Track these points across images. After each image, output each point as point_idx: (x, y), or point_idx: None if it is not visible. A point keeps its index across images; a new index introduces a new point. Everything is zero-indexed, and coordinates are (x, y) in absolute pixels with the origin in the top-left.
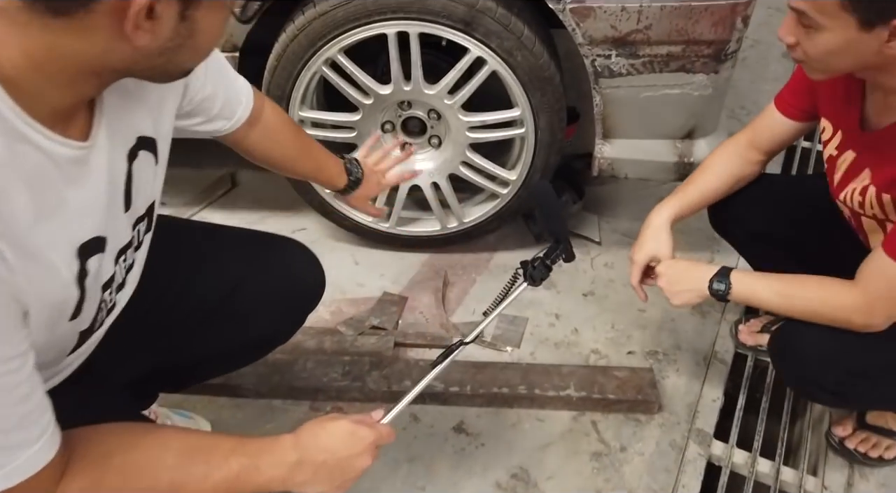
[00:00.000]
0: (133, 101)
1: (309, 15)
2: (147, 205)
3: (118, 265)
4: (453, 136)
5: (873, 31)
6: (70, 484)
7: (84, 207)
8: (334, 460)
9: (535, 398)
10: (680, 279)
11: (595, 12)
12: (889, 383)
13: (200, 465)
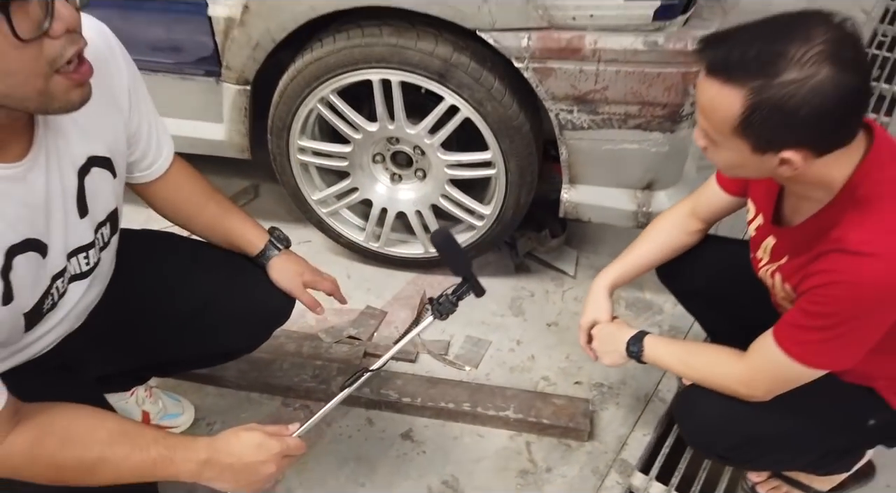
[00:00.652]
0: (72, 129)
1: (306, 59)
2: (107, 212)
3: (72, 261)
4: (434, 171)
5: (765, 155)
6: (16, 438)
7: (16, 216)
8: (241, 464)
9: (478, 416)
10: (606, 342)
11: (555, 72)
12: (774, 452)
13: (125, 446)
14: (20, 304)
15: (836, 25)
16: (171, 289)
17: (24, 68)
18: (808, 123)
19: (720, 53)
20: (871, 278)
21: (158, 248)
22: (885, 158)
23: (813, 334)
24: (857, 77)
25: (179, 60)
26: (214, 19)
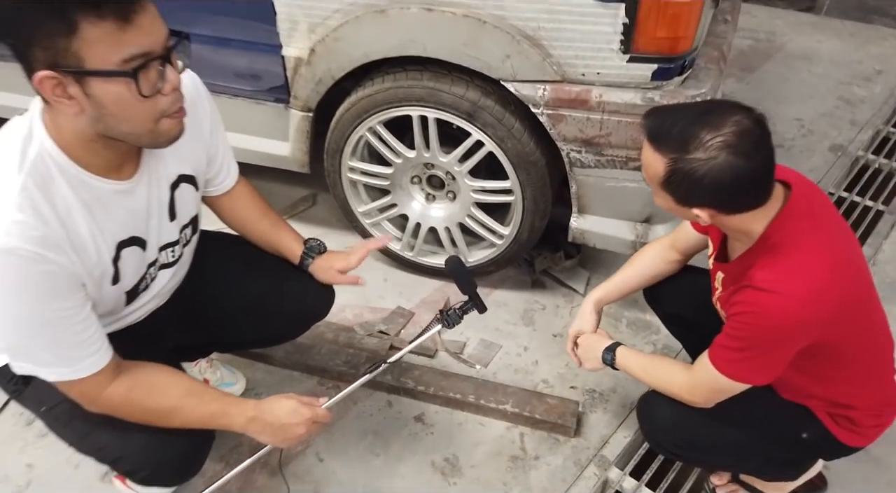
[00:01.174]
0: (168, 154)
1: (359, 95)
2: (190, 216)
3: (162, 253)
4: (462, 194)
5: (684, 207)
6: (116, 387)
7: (126, 219)
8: (278, 424)
9: (480, 407)
10: (587, 349)
11: (566, 118)
12: (716, 454)
13: (194, 399)
14: (124, 284)
15: (745, 119)
16: (235, 284)
17: (143, 116)
18: (709, 192)
19: (655, 125)
20: (771, 310)
21: (229, 249)
22: (798, 213)
23: (732, 353)
24: (750, 163)
25: (257, 89)
26: (287, 58)
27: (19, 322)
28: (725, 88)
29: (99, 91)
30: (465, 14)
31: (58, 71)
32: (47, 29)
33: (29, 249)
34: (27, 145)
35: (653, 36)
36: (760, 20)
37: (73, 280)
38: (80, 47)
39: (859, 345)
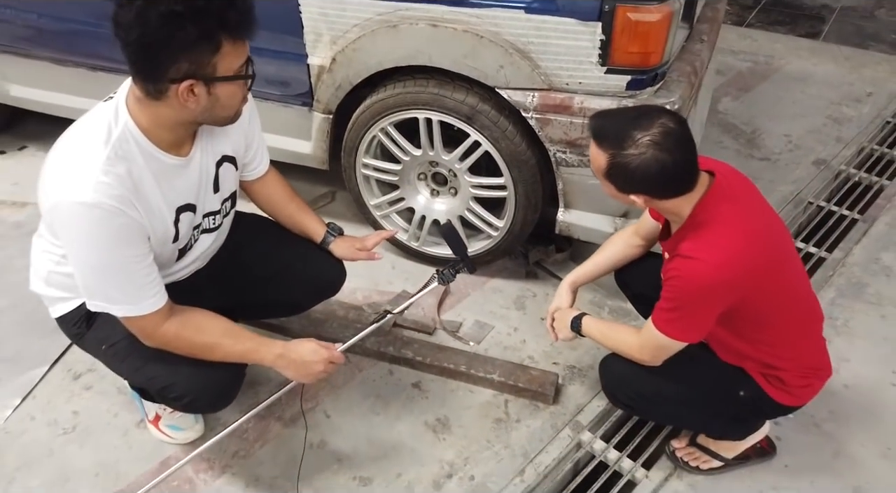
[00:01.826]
0: (216, 135)
1: (373, 99)
2: (230, 191)
3: (206, 219)
4: (463, 189)
5: (624, 195)
6: (169, 325)
7: (183, 188)
8: (301, 360)
9: (471, 376)
10: (560, 321)
11: (552, 122)
12: (663, 406)
13: (231, 338)
14: (179, 243)
15: (669, 121)
16: (264, 253)
17: (239, 102)
18: (641, 182)
19: (597, 126)
20: (692, 273)
21: (261, 226)
22: (720, 196)
23: (667, 314)
24: (673, 157)
25: (285, 93)
26: (311, 66)
27: (99, 265)
28: (721, 105)
29: (221, 90)
30: (465, 30)
31: (197, 78)
32: (198, 48)
33: (110, 204)
34: (113, 125)
35: (626, 51)
36: (761, 44)
37: (141, 232)
38: (218, 61)
39: (779, 310)
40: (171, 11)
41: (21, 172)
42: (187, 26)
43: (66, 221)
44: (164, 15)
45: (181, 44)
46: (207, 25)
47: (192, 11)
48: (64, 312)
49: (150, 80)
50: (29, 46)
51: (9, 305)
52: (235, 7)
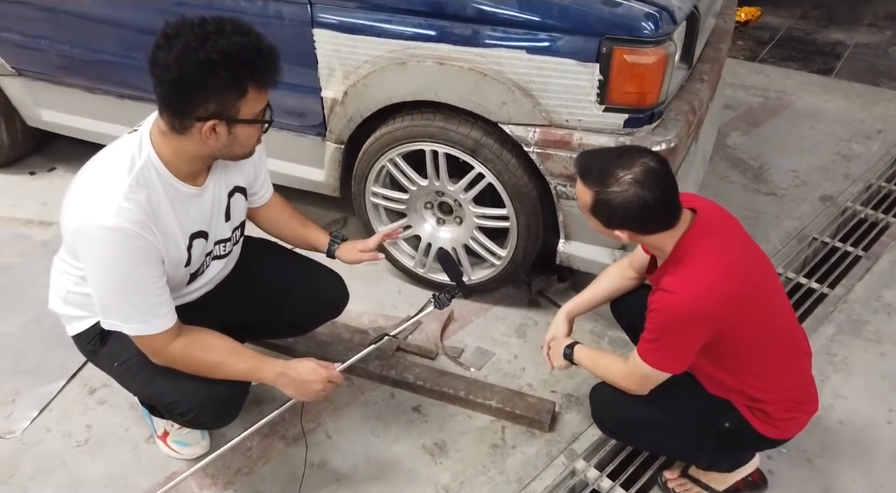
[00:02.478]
0: (230, 168)
1: (382, 130)
2: (240, 220)
3: (217, 246)
4: (467, 219)
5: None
6: (177, 344)
7: (197, 216)
8: (300, 379)
9: (469, 402)
10: (555, 349)
11: (553, 157)
12: (648, 433)
13: (235, 357)
14: (191, 267)
15: (650, 161)
16: (267, 276)
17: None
18: (623, 218)
19: (583, 164)
20: (670, 306)
21: (266, 249)
22: (701, 232)
23: (649, 344)
24: (654, 195)
25: (300, 123)
26: (325, 99)
27: (117, 284)
28: (730, 140)
29: (241, 131)
30: (471, 68)
31: (221, 119)
32: (227, 92)
33: (131, 228)
34: (137, 155)
35: (623, 90)
36: (773, 79)
37: (157, 255)
38: (242, 105)
39: (760, 342)
40: (208, 58)
41: (50, 193)
42: (221, 72)
43: (89, 243)
44: (201, 61)
45: (213, 88)
46: (238, 73)
47: (227, 60)
48: (80, 330)
49: (178, 117)
50: (62, 74)
51: (32, 319)
52: (264, 59)
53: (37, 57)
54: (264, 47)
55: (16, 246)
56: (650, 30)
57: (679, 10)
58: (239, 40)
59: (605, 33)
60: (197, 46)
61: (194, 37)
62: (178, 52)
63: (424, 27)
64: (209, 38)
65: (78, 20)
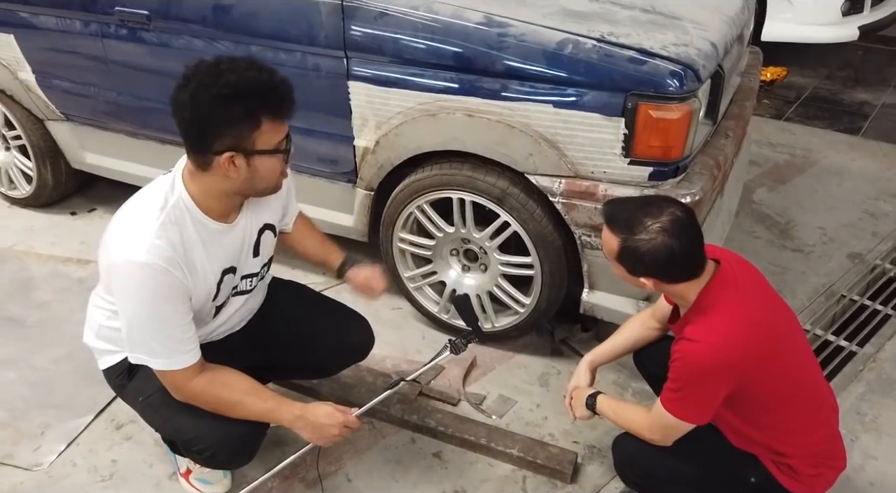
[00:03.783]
0: (260, 205)
1: (411, 178)
2: (268, 256)
3: (243, 281)
4: (492, 266)
5: (634, 277)
6: (199, 380)
7: (228, 252)
8: (317, 423)
9: (491, 449)
10: (577, 399)
11: (578, 207)
12: (671, 487)
13: (255, 397)
14: (217, 301)
15: (678, 210)
16: (295, 318)
17: (276, 176)
18: (650, 265)
19: (611, 211)
20: (693, 355)
21: (296, 292)
22: (724, 283)
23: (673, 394)
24: (681, 244)
25: (332, 170)
26: (357, 147)
27: (145, 318)
28: (756, 195)
29: (260, 163)
30: (498, 120)
31: (238, 151)
32: (241, 125)
33: (160, 264)
34: (169, 194)
35: (648, 144)
36: (799, 137)
37: (184, 292)
38: (258, 136)
39: (785, 395)
40: (219, 94)
41: (89, 232)
42: (233, 106)
43: (121, 278)
44: (213, 96)
45: (226, 121)
46: (250, 106)
47: (238, 94)
48: (110, 364)
49: (199, 152)
50: (107, 119)
51: (65, 354)
52: (276, 92)
53: (84, 103)
54: (276, 80)
55: (53, 283)
56: (675, 87)
57: (704, 69)
58: (251, 75)
59: (631, 89)
60: (210, 83)
61: (208, 75)
62: (192, 90)
63: (455, 81)
64: (222, 75)
65: (125, 69)
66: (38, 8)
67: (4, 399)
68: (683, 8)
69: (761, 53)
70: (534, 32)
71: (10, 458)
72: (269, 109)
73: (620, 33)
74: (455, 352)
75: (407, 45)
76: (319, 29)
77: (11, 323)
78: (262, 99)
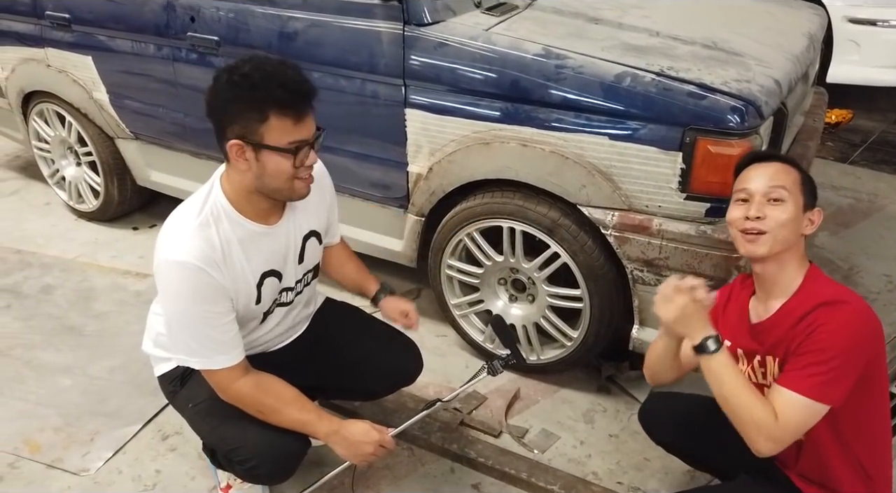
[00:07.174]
0: (304, 211)
1: (462, 206)
2: (314, 264)
3: (283, 294)
4: (540, 297)
5: (805, 214)
6: (245, 382)
7: (269, 256)
8: (353, 439)
9: (531, 485)
10: (690, 311)
11: (630, 241)
12: None
13: (296, 406)
14: (262, 306)
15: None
16: (347, 341)
17: (285, 177)
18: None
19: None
20: (850, 315)
21: (347, 314)
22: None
23: (818, 373)
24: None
25: (385, 195)
26: (410, 173)
27: (183, 317)
28: (818, 239)
29: (266, 159)
30: (552, 150)
31: (244, 141)
32: (248, 115)
33: (197, 264)
34: (207, 198)
35: (705, 180)
36: (864, 181)
37: (222, 292)
38: (265, 130)
39: (884, 404)
40: (232, 80)
41: (148, 247)
42: (242, 94)
43: (162, 277)
44: (227, 82)
45: (236, 109)
46: (258, 97)
47: (248, 84)
48: (164, 371)
49: (219, 140)
50: (172, 139)
51: (119, 365)
52: (286, 88)
53: (153, 123)
54: (288, 78)
55: (111, 295)
56: (736, 123)
57: (766, 105)
58: (268, 68)
59: (690, 124)
60: (230, 70)
61: (234, 65)
62: (215, 80)
63: (510, 111)
64: (243, 66)
65: (192, 92)
66: (115, 32)
67: (59, 404)
68: (746, 45)
69: (826, 94)
70: (592, 65)
71: (59, 462)
72: (276, 103)
73: (680, 68)
74: (492, 373)
75: (464, 74)
76: (380, 57)
77: (71, 332)
78: (270, 93)
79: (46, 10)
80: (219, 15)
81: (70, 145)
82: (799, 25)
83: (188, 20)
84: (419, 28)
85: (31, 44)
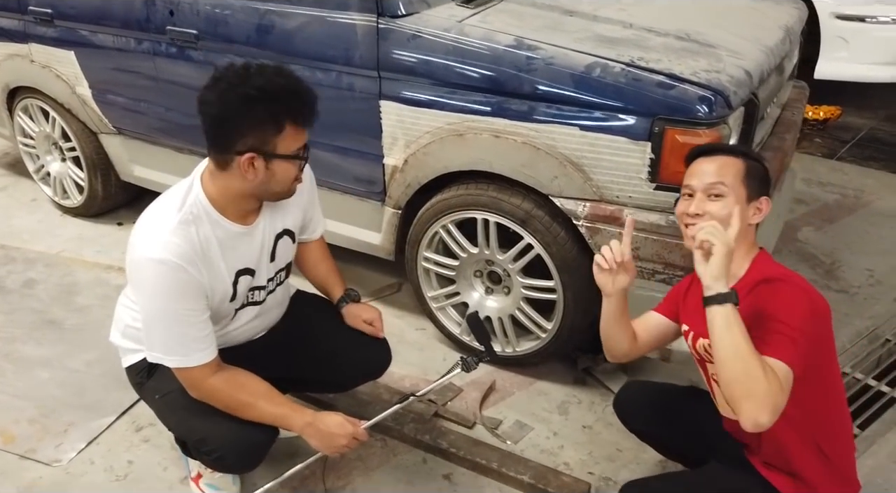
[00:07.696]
0: (279, 210)
1: (437, 198)
2: (286, 263)
3: (253, 292)
4: (515, 289)
5: (750, 204)
6: (215, 380)
7: (244, 254)
8: (326, 431)
9: (502, 475)
10: (726, 239)
11: (602, 232)
12: None
13: (268, 401)
14: (236, 303)
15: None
16: (318, 335)
17: (291, 180)
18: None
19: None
20: (794, 288)
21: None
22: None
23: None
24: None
25: (364, 189)
26: (386, 165)
27: (160, 314)
28: (801, 234)
29: (278, 167)
30: (525, 142)
31: (258, 153)
32: (264, 127)
33: (175, 261)
34: (187, 195)
35: (674, 170)
36: (851, 178)
37: (199, 290)
38: (280, 141)
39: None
40: (247, 94)
41: None
42: (258, 108)
43: (139, 274)
44: (241, 96)
45: (251, 122)
46: (275, 110)
47: (265, 97)
48: (132, 362)
49: (221, 151)
50: (156, 134)
51: (98, 358)
52: (301, 99)
53: (136, 118)
54: (302, 88)
55: (94, 289)
56: (704, 112)
57: (735, 95)
58: (279, 80)
59: (658, 113)
60: (238, 83)
61: (237, 76)
62: (220, 90)
63: (483, 102)
64: (251, 78)
65: (173, 86)
66: (96, 27)
67: (36, 397)
68: (720, 37)
69: (807, 88)
70: (563, 55)
71: (32, 452)
72: (293, 115)
73: (651, 58)
74: (466, 369)
75: (437, 66)
76: (355, 50)
77: (51, 325)
78: (287, 104)
79: (30, 6)
80: (197, 8)
81: (54, 141)
82: (776, 18)
83: (167, 14)
84: (393, 20)
85: (15, 39)
